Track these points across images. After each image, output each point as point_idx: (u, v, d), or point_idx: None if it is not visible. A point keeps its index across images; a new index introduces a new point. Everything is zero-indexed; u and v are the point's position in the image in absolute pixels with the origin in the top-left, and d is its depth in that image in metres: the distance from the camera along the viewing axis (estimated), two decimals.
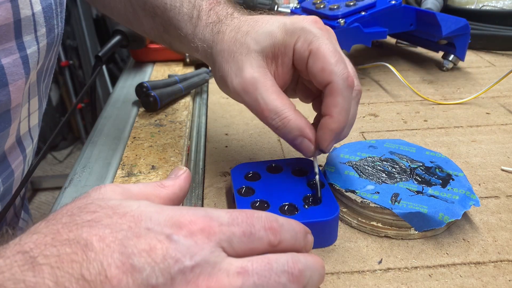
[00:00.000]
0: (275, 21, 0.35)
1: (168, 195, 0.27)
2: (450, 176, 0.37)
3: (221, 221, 0.22)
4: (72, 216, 0.22)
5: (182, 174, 0.29)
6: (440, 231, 0.35)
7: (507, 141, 0.48)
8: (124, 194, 0.25)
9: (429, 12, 0.62)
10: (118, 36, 0.64)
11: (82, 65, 2.17)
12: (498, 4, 0.78)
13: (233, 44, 0.35)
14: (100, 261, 0.20)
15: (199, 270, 0.20)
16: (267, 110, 0.34)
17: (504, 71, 0.61)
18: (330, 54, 0.32)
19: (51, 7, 0.37)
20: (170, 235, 0.21)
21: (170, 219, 0.22)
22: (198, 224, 0.22)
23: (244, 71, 0.34)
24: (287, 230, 0.24)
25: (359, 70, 0.68)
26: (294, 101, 0.35)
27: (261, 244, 0.23)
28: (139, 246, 0.20)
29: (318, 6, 0.61)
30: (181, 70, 0.70)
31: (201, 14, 0.38)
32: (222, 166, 0.45)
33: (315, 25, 0.34)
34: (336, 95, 0.32)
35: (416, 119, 0.53)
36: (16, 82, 0.34)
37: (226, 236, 0.22)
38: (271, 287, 0.21)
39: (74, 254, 0.20)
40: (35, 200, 2.03)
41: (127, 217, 0.22)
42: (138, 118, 0.55)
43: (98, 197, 0.24)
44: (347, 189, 0.36)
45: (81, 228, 0.21)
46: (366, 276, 0.31)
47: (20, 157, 0.41)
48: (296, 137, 0.34)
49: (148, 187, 0.27)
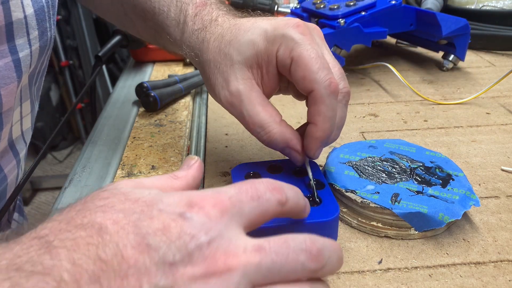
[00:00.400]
0: (256, 28, 0.34)
1: (181, 186, 0.27)
2: (450, 176, 0.37)
3: (229, 194, 0.23)
4: (85, 203, 0.22)
5: (194, 163, 0.29)
6: (440, 231, 0.35)
7: (507, 141, 0.48)
8: (137, 187, 0.25)
9: (429, 12, 0.62)
10: (118, 36, 0.64)
11: (82, 65, 2.17)
12: (498, 4, 0.78)
13: (217, 54, 0.35)
14: (116, 243, 0.20)
15: (216, 245, 0.20)
16: (252, 123, 0.34)
17: (504, 71, 0.61)
18: (312, 61, 0.32)
19: (43, 9, 0.37)
20: (183, 213, 0.21)
21: (181, 200, 0.22)
22: (209, 200, 0.22)
23: (229, 84, 0.34)
24: (288, 188, 0.25)
25: (359, 70, 0.68)
26: (287, 98, 0.35)
27: (271, 205, 0.23)
28: (153, 226, 0.20)
29: (318, 6, 0.61)
30: (181, 70, 0.70)
31: (187, 20, 0.38)
32: (222, 166, 0.45)
33: (296, 30, 0.33)
34: (319, 103, 0.32)
35: (416, 119, 0.53)
36: (8, 86, 0.34)
37: (237, 207, 0.22)
38: (289, 265, 0.21)
39: (89, 237, 0.20)
40: (35, 200, 2.03)
41: (139, 203, 0.22)
42: (138, 118, 0.55)
43: (109, 188, 0.24)
44: (347, 189, 0.36)
45: (95, 214, 0.21)
46: (366, 276, 0.31)
47: (14, 162, 0.41)
48: (283, 148, 0.35)
49: (161, 179, 0.27)
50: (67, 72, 2.17)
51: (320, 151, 0.35)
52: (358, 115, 0.55)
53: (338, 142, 0.48)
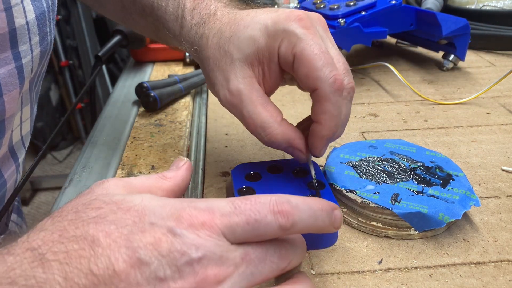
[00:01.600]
0: (256, 23, 0.33)
1: (170, 186, 0.27)
2: (450, 176, 0.37)
3: (222, 212, 0.22)
4: (78, 213, 0.22)
5: (184, 165, 0.29)
6: (440, 231, 0.35)
7: (507, 141, 0.48)
8: (127, 188, 0.25)
9: (429, 12, 0.62)
10: (118, 36, 0.64)
11: (82, 65, 2.17)
12: (498, 4, 0.78)
13: (217, 51, 0.34)
14: (108, 256, 0.20)
15: (207, 262, 0.21)
16: (253, 125, 0.33)
17: (504, 71, 0.61)
18: (315, 57, 0.30)
19: (44, 14, 0.36)
20: (173, 229, 0.21)
21: (173, 214, 0.22)
22: (199, 217, 0.22)
23: (229, 83, 0.33)
24: (303, 210, 0.23)
25: (359, 70, 0.68)
26: (287, 98, 0.35)
27: (270, 229, 0.22)
28: (145, 240, 0.20)
29: (318, 6, 0.61)
30: (181, 70, 0.70)
31: (185, 14, 0.37)
32: (222, 166, 0.45)
33: (299, 24, 0.31)
34: (323, 101, 0.31)
35: (416, 119, 0.53)
36: (10, 93, 0.34)
37: (228, 228, 0.22)
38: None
39: (81, 250, 0.20)
40: (35, 200, 2.03)
41: (131, 212, 0.22)
42: (138, 118, 0.55)
43: (102, 192, 0.24)
44: (347, 189, 0.36)
45: (87, 225, 0.21)
46: (366, 276, 0.31)
47: (13, 166, 0.41)
48: (286, 148, 0.34)
49: (150, 179, 0.27)
50: (67, 72, 2.17)
51: (325, 149, 0.34)
52: (358, 115, 0.55)
53: (338, 142, 0.48)
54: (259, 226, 0.22)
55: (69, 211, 0.22)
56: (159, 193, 0.27)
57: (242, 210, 0.22)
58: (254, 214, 0.22)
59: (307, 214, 0.23)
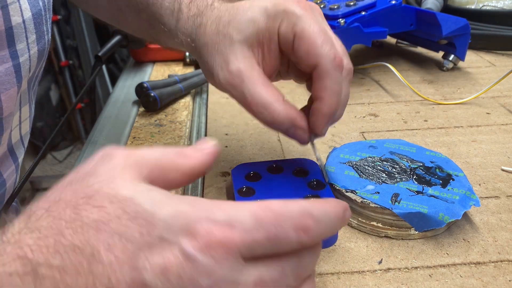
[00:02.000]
0: (256, 6, 0.33)
1: (188, 170, 0.24)
2: (450, 176, 0.37)
3: (243, 227, 0.20)
4: (77, 210, 0.20)
5: (210, 148, 0.25)
6: (440, 231, 0.35)
7: (507, 141, 0.48)
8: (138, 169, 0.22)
9: (429, 12, 0.62)
10: (118, 36, 0.64)
11: (82, 65, 2.17)
12: (498, 4, 0.78)
13: (215, 36, 0.34)
14: (108, 277, 0.18)
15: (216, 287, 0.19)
16: (254, 104, 0.32)
17: (504, 71, 0.61)
18: (315, 35, 0.31)
19: (41, 13, 0.36)
20: (186, 250, 0.19)
21: (187, 227, 0.19)
22: (217, 235, 0.19)
23: (229, 64, 0.33)
24: (324, 224, 0.21)
25: (359, 70, 0.68)
26: (287, 83, 0.35)
27: (289, 246, 0.21)
28: (152, 261, 0.19)
29: None
30: (181, 70, 0.70)
31: (182, 7, 0.37)
32: (222, 166, 0.45)
33: (298, 5, 0.32)
34: (324, 77, 0.31)
35: (416, 119, 0.53)
36: (8, 91, 0.34)
37: (248, 248, 0.20)
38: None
39: (79, 266, 0.18)
40: (35, 200, 2.03)
41: (138, 220, 0.19)
42: (138, 118, 0.55)
43: (106, 177, 0.21)
44: (347, 189, 0.36)
45: (87, 231, 0.19)
46: (366, 276, 0.31)
47: (13, 167, 0.41)
48: (288, 128, 0.33)
49: (167, 156, 0.24)
50: (67, 72, 2.17)
51: (327, 128, 0.34)
52: (358, 115, 0.55)
53: (338, 142, 0.48)
54: (279, 243, 0.20)
55: (67, 204, 0.20)
56: (174, 175, 0.24)
57: (263, 224, 0.20)
58: (275, 229, 0.20)
59: (327, 227, 0.22)
